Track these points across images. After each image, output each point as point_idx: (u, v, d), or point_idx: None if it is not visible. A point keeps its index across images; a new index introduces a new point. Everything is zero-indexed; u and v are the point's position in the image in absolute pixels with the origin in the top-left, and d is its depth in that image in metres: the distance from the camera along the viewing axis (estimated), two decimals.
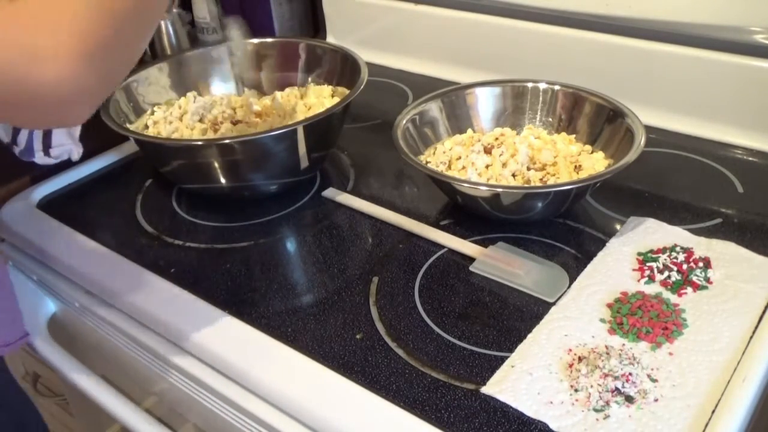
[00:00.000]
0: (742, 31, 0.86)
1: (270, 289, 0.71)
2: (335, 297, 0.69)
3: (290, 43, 1.02)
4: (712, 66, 0.88)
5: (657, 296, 0.64)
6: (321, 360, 0.60)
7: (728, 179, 0.83)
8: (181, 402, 0.72)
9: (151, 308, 0.69)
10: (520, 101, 0.88)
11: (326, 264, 0.74)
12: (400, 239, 0.76)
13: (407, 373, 0.59)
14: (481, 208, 0.75)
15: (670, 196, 0.80)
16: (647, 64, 0.92)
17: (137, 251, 0.78)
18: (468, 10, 1.07)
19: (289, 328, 0.65)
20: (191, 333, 0.66)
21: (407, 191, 0.85)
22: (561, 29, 0.99)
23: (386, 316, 0.65)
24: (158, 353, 0.69)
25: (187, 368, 0.67)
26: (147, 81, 0.94)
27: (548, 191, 0.72)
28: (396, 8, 1.14)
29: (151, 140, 0.84)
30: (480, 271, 0.70)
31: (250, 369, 0.61)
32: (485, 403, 0.56)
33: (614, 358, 0.56)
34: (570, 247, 0.73)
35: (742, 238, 0.71)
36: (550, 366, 0.58)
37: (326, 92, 0.96)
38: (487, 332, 0.63)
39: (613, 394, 0.54)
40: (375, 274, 0.71)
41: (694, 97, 0.91)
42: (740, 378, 0.54)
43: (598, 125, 0.82)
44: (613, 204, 0.79)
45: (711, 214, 0.76)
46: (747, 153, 0.88)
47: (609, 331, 0.61)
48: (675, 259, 0.67)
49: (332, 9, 1.23)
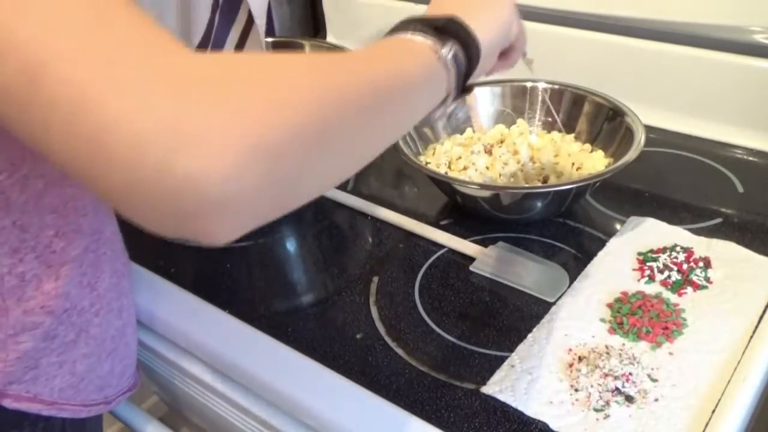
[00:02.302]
0: (742, 31, 0.86)
1: (270, 289, 0.71)
2: (335, 297, 0.69)
3: (290, 43, 1.02)
4: (712, 66, 0.88)
5: (657, 296, 0.64)
6: (321, 360, 0.60)
7: (728, 179, 0.83)
8: (181, 401, 0.72)
9: (151, 308, 0.69)
10: (519, 101, 0.88)
11: (326, 264, 0.74)
12: (400, 239, 0.76)
13: (407, 373, 0.59)
14: (481, 208, 0.75)
15: (670, 196, 0.80)
16: (647, 64, 0.92)
17: (137, 251, 0.78)
18: None
19: (289, 328, 0.65)
20: (191, 333, 0.66)
21: (407, 191, 0.85)
22: (561, 29, 0.99)
23: (386, 316, 0.65)
24: (159, 353, 0.69)
25: (187, 368, 0.67)
26: None
27: (548, 191, 0.72)
28: (396, 8, 1.14)
29: None
30: (480, 271, 0.70)
31: (250, 368, 0.61)
32: (485, 403, 0.56)
33: (614, 357, 0.56)
34: (570, 247, 0.73)
35: (742, 238, 0.71)
36: (550, 366, 0.58)
37: None
38: (487, 332, 0.63)
39: (613, 393, 0.54)
40: (375, 274, 0.71)
41: (694, 97, 0.91)
42: (740, 378, 0.54)
43: (598, 124, 0.82)
44: (613, 204, 0.79)
45: (711, 214, 0.76)
46: (747, 153, 0.88)
47: (609, 330, 0.61)
48: (675, 259, 0.67)
49: (332, 9, 1.23)
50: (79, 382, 0.54)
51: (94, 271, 0.53)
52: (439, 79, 0.47)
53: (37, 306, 0.49)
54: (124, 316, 0.58)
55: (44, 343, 0.50)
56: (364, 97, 0.37)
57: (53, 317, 0.50)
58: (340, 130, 0.35)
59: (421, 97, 0.46)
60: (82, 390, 0.55)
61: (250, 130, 0.30)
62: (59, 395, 0.53)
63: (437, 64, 0.47)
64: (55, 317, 0.50)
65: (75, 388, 0.54)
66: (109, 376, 0.57)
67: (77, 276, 0.51)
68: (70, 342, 0.52)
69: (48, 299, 0.49)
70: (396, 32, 0.48)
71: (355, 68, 0.39)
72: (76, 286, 0.51)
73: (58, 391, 0.52)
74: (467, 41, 0.49)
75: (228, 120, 0.30)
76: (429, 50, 0.47)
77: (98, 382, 0.56)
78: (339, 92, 0.35)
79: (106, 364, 0.57)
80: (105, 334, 0.56)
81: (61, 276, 0.50)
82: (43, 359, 0.51)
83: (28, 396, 0.51)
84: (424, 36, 0.47)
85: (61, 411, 0.53)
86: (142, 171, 0.29)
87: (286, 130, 0.31)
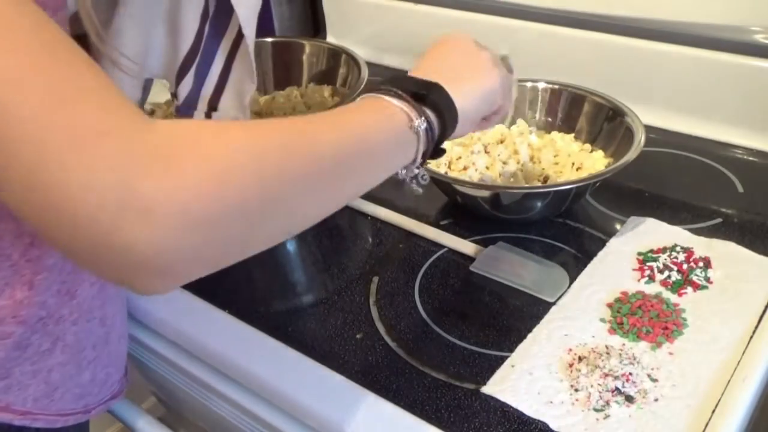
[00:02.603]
0: (743, 31, 0.86)
1: (270, 289, 0.71)
2: (335, 297, 0.69)
3: (290, 43, 1.02)
4: (712, 66, 0.88)
5: (657, 296, 0.64)
6: (321, 360, 0.60)
7: (728, 179, 0.83)
8: (181, 401, 0.72)
9: (150, 308, 0.69)
10: (519, 101, 0.88)
11: (326, 264, 0.74)
12: (400, 239, 0.76)
13: (407, 373, 0.59)
14: (481, 208, 0.75)
15: (670, 196, 0.80)
16: (647, 64, 0.92)
17: None
18: (468, 10, 1.07)
19: (289, 328, 0.65)
20: (191, 333, 0.66)
21: (407, 191, 0.85)
22: (561, 29, 0.99)
23: (386, 316, 0.65)
24: (159, 353, 0.69)
25: (187, 368, 0.67)
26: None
27: (548, 191, 0.72)
28: (396, 8, 1.14)
29: None
30: (480, 271, 0.70)
31: (250, 368, 0.61)
32: (485, 403, 0.56)
33: (614, 357, 0.56)
34: (570, 247, 0.73)
35: (742, 238, 0.71)
36: (550, 366, 0.58)
37: (326, 92, 0.96)
38: (487, 332, 0.63)
39: (613, 393, 0.54)
40: (375, 274, 0.71)
41: (694, 97, 0.91)
42: (740, 378, 0.54)
43: (598, 124, 0.82)
44: (613, 204, 0.79)
45: (711, 214, 0.76)
46: (747, 153, 0.88)
47: (609, 330, 0.61)
48: (675, 259, 0.67)
49: (332, 9, 1.23)
50: (54, 391, 0.52)
51: (73, 280, 0.51)
52: (408, 147, 0.48)
53: (8, 315, 0.47)
54: (108, 324, 0.57)
55: (16, 353, 0.49)
56: (318, 166, 0.39)
57: (25, 326, 0.48)
58: (284, 199, 0.37)
59: (383, 163, 0.47)
60: (58, 399, 0.53)
61: (192, 204, 0.32)
62: (33, 405, 0.51)
63: (408, 132, 0.47)
64: (28, 326, 0.49)
65: (50, 397, 0.52)
66: (90, 385, 0.56)
67: (55, 284, 0.50)
68: (45, 351, 0.50)
69: (20, 308, 0.48)
70: (378, 92, 0.49)
71: (314, 138, 0.40)
72: (54, 294, 0.50)
73: (31, 400, 0.51)
74: (446, 111, 0.50)
75: (171, 193, 0.32)
76: (403, 118, 0.47)
77: (77, 391, 0.55)
78: (289, 165, 0.37)
79: (87, 373, 0.55)
80: (84, 342, 0.54)
81: (35, 285, 0.48)
82: (16, 368, 0.49)
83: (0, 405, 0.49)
84: (402, 102, 0.48)
85: (34, 421, 0.51)
86: (88, 234, 0.32)
87: (226, 204, 0.34)
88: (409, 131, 0.47)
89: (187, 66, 0.68)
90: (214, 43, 0.68)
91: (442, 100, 0.50)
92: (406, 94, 0.48)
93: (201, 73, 0.68)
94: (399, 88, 0.48)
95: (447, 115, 0.50)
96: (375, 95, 0.49)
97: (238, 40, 0.68)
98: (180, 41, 0.67)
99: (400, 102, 0.48)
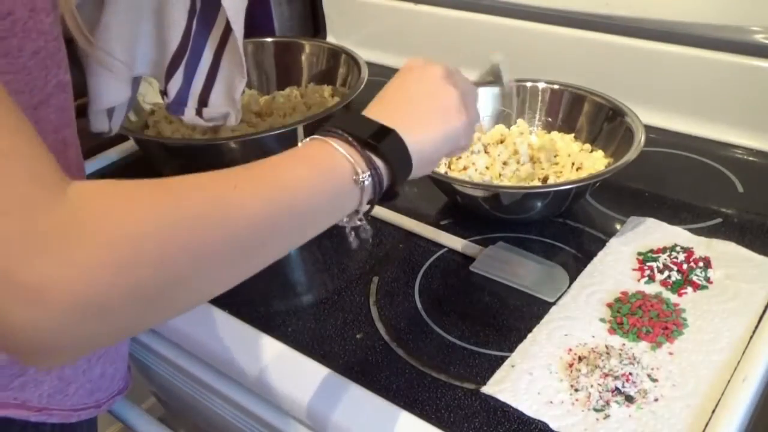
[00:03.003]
0: (743, 31, 0.86)
1: (270, 289, 0.71)
2: (335, 297, 0.69)
3: (290, 43, 1.02)
4: (712, 66, 0.88)
5: (657, 296, 0.64)
6: (321, 360, 0.60)
7: (728, 179, 0.83)
8: (181, 401, 0.72)
9: None
10: (519, 101, 0.88)
11: (326, 264, 0.74)
12: (400, 239, 0.76)
13: (407, 373, 0.59)
14: (481, 208, 0.75)
15: (670, 196, 0.80)
16: (647, 64, 0.92)
17: None
18: (468, 10, 1.07)
19: (289, 328, 0.65)
20: (191, 333, 0.66)
21: (407, 191, 0.85)
22: (561, 29, 0.99)
23: (386, 316, 0.65)
24: (159, 353, 0.69)
25: (187, 368, 0.67)
26: (147, 80, 0.94)
27: (548, 191, 0.72)
28: (396, 8, 1.14)
29: (151, 140, 0.84)
30: (480, 271, 0.70)
31: (250, 368, 0.61)
32: (485, 402, 0.56)
33: (614, 357, 0.56)
34: (570, 247, 0.73)
35: (742, 238, 0.71)
36: (550, 366, 0.58)
37: (326, 92, 0.96)
38: (487, 332, 0.63)
39: (613, 393, 0.54)
40: (375, 274, 0.71)
41: (694, 97, 0.91)
42: (740, 378, 0.54)
43: (598, 124, 0.82)
44: (613, 204, 0.79)
45: (711, 214, 0.76)
46: (747, 153, 0.88)
47: (609, 330, 0.61)
48: (675, 259, 0.67)
49: (332, 9, 1.23)
50: (67, 387, 0.53)
51: None
52: (349, 199, 0.46)
53: None
54: None
55: None
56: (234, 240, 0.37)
57: None
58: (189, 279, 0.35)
59: (316, 222, 0.44)
60: (72, 394, 0.54)
61: (82, 291, 0.31)
62: (48, 401, 0.52)
63: (351, 184, 0.45)
64: None
65: (64, 392, 0.53)
66: (100, 380, 0.57)
67: None
68: None
69: None
70: (327, 134, 0.46)
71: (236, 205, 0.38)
72: None
73: (46, 396, 0.51)
74: (398, 161, 0.48)
75: (60, 280, 0.30)
76: (347, 170, 0.45)
77: (88, 386, 0.55)
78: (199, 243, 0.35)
79: (97, 368, 0.56)
80: None
81: None
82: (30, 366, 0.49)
83: (16, 403, 0.50)
84: (350, 149, 0.45)
85: (50, 417, 0.52)
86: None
87: (121, 291, 0.32)
88: (353, 184, 0.45)
89: (176, 63, 0.67)
90: (202, 40, 0.67)
91: (395, 150, 0.47)
92: (356, 141, 0.45)
93: (190, 70, 0.68)
94: (350, 133, 0.46)
95: (398, 165, 0.48)
96: (323, 139, 0.46)
97: (226, 35, 0.68)
98: (168, 39, 0.66)
99: (347, 149, 0.45)
